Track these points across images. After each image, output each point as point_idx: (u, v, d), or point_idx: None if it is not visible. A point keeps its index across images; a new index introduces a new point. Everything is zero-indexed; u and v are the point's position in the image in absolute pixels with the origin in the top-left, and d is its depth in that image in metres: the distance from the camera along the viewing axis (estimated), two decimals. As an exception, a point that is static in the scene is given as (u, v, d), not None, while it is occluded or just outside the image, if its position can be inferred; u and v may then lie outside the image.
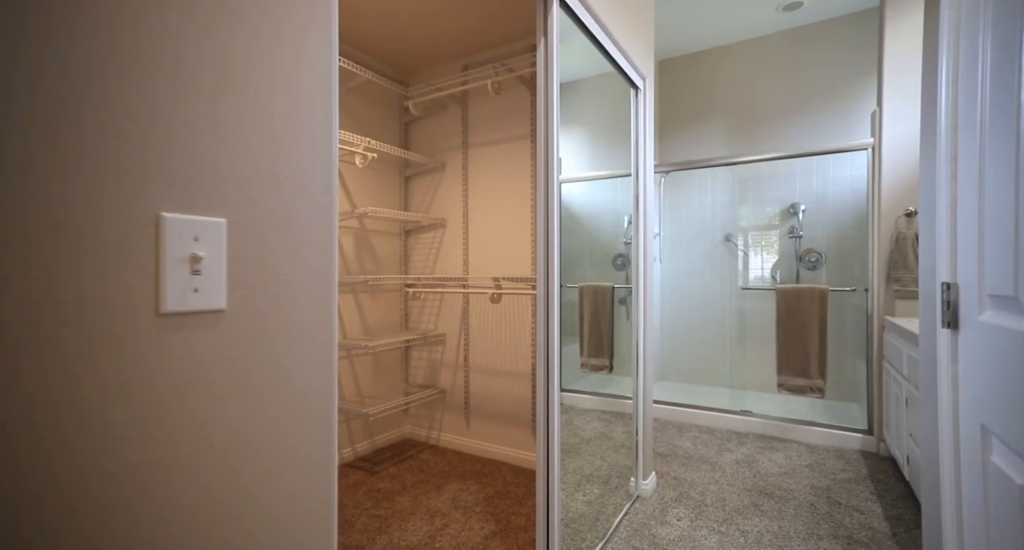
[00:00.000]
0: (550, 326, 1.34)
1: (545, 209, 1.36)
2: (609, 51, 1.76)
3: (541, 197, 1.36)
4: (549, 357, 1.34)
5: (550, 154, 1.36)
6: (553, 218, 1.36)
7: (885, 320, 2.38)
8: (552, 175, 1.36)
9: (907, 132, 2.38)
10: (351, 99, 2.41)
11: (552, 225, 1.35)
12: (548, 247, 1.35)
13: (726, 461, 2.38)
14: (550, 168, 1.36)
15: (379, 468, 2.32)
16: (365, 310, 2.54)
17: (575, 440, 2.73)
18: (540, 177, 1.37)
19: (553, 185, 1.37)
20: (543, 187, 1.37)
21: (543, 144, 1.37)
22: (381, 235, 2.64)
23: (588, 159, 3.89)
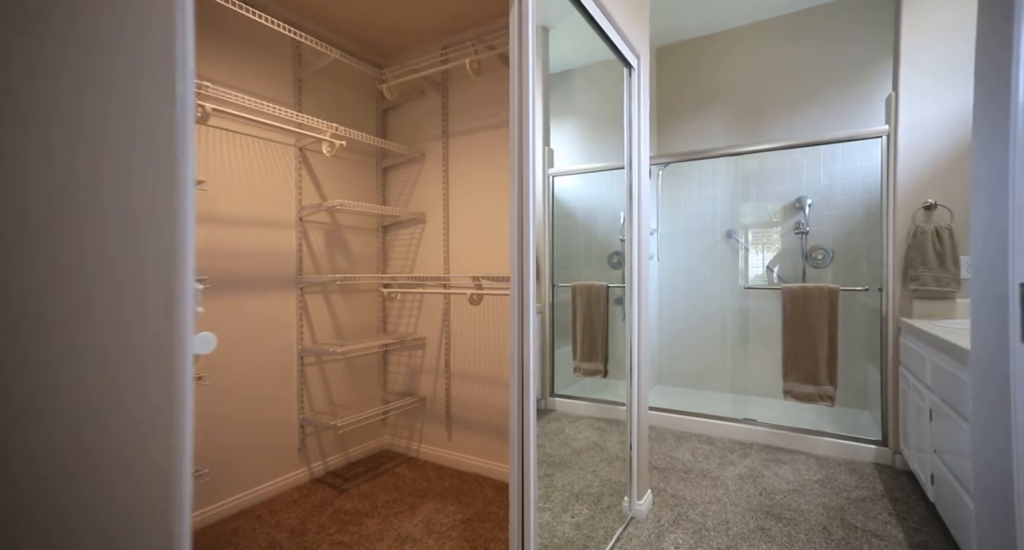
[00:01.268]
0: (524, 332, 1.14)
1: (519, 196, 1.17)
2: (599, 22, 1.56)
3: (515, 182, 1.17)
4: (523, 367, 1.15)
5: (524, 132, 1.17)
6: (529, 208, 1.17)
7: (902, 322, 2.18)
8: (527, 158, 1.17)
9: (927, 117, 2.18)
10: (318, 82, 2.22)
11: (527, 216, 1.16)
12: (522, 240, 1.16)
13: (728, 476, 2.19)
14: (524, 149, 1.16)
15: (350, 485, 2.12)
16: (338, 312, 2.35)
17: (565, 451, 2.54)
18: (514, 159, 1.18)
19: (529, 169, 1.18)
20: (517, 171, 1.17)
21: (517, 120, 1.18)
22: (356, 231, 2.45)
23: (583, 151, 3.69)
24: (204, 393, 1.74)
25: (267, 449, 1.99)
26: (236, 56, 1.87)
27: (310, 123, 1.97)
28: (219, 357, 1.82)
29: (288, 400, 2.08)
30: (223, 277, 1.83)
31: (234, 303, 1.88)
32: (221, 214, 1.82)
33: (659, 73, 3.79)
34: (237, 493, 1.86)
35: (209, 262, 1.77)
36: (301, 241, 2.15)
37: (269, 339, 2.01)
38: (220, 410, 1.81)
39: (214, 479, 1.78)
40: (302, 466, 2.14)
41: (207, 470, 1.55)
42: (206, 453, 1.75)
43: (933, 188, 2.18)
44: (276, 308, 2.04)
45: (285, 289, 2.08)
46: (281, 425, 2.05)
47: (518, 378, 1.15)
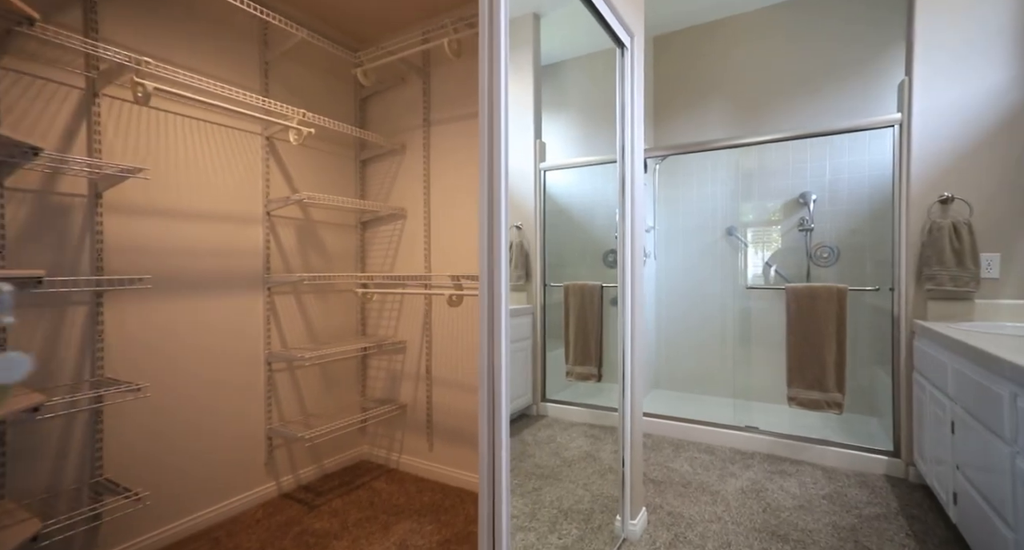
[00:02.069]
0: (494, 340, 0.99)
1: (489, 188, 1.01)
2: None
3: (484, 171, 1.01)
4: (494, 381, 0.99)
5: (495, 108, 1.01)
6: (499, 199, 1.01)
7: (915, 324, 2.03)
8: (498, 138, 1.01)
9: (944, 103, 2.03)
10: (288, 67, 2.06)
11: (498, 202, 1.00)
12: (492, 237, 1.00)
13: (730, 489, 2.04)
14: (495, 126, 1.01)
15: (321, 501, 1.97)
16: (312, 314, 2.19)
17: (555, 462, 2.38)
18: (484, 140, 1.02)
19: (499, 156, 1.02)
20: (487, 158, 1.02)
21: (487, 100, 1.02)
22: (332, 227, 2.29)
23: (577, 145, 3.53)
24: (146, 407, 1.58)
25: (229, 464, 1.83)
26: (195, 35, 1.71)
27: (276, 109, 1.82)
28: (173, 365, 1.66)
29: (254, 410, 1.93)
30: (177, 277, 1.67)
31: (191, 305, 1.72)
32: (174, 207, 1.66)
33: (656, 63, 3.63)
34: (193, 513, 1.70)
35: (158, 260, 1.61)
36: (269, 237, 1.99)
37: (232, 344, 1.85)
38: (172, 424, 1.65)
39: (164, 500, 1.62)
40: (270, 481, 1.98)
41: (146, 492, 1.40)
42: (151, 472, 1.59)
43: (950, 180, 2.03)
44: (240, 310, 1.88)
45: (251, 289, 1.92)
46: (246, 437, 1.89)
47: (488, 393, 0.99)
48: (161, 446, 1.62)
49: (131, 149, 1.53)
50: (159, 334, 1.62)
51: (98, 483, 1.40)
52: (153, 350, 1.60)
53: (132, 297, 1.52)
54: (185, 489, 1.68)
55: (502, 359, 0.99)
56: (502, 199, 1.00)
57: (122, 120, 1.51)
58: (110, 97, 1.48)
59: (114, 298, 1.49)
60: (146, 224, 1.57)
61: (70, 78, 1.38)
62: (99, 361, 1.43)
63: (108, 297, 1.47)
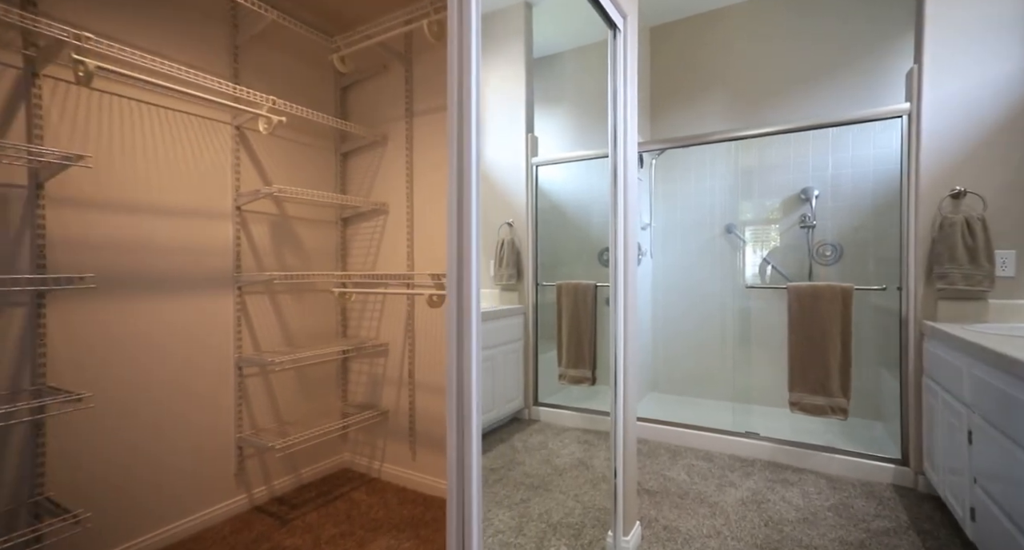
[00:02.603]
0: (464, 350, 0.87)
1: (458, 178, 0.89)
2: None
3: (453, 148, 0.89)
4: (463, 395, 0.87)
5: (465, 85, 0.89)
6: (470, 189, 0.89)
7: (925, 326, 1.92)
8: (467, 119, 0.89)
9: (956, 91, 1.91)
10: (259, 51, 1.93)
11: (467, 190, 0.88)
12: (461, 224, 0.88)
13: (729, 500, 1.92)
14: (465, 105, 0.89)
15: (295, 514, 1.85)
16: (288, 315, 2.07)
17: (546, 471, 2.27)
18: (452, 122, 0.90)
19: (469, 142, 0.90)
20: (455, 136, 0.90)
21: (456, 85, 0.90)
22: (310, 224, 2.17)
23: (572, 140, 3.41)
24: (96, 418, 1.46)
25: (194, 476, 1.71)
26: (155, 15, 1.59)
27: (246, 97, 1.69)
28: (129, 371, 1.54)
29: (222, 418, 1.80)
30: (135, 276, 1.55)
31: (150, 306, 1.59)
32: (130, 200, 1.53)
33: (653, 55, 3.51)
34: (152, 531, 1.58)
35: (112, 257, 1.48)
36: (239, 234, 1.87)
37: (198, 348, 1.73)
38: (128, 435, 1.53)
39: (119, 518, 1.49)
40: (240, 493, 1.86)
41: (87, 513, 1.28)
42: (102, 489, 1.46)
43: (962, 173, 1.92)
44: (207, 312, 1.76)
45: (219, 289, 1.80)
46: (213, 447, 1.77)
47: (455, 410, 0.87)
48: (115, 460, 1.50)
49: (79, 136, 1.41)
50: (113, 338, 1.49)
51: (38, 503, 1.27)
52: (106, 355, 1.47)
53: (80, 298, 1.40)
54: (143, 505, 1.56)
55: (472, 369, 0.87)
56: (472, 190, 0.89)
57: (69, 104, 1.38)
58: (54, 79, 1.35)
59: (59, 299, 1.37)
60: (97, 218, 1.44)
61: (4, 55, 1.26)
62: (40, 368, 1.31)
63: (52, 298, 1.35)
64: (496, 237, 3.07)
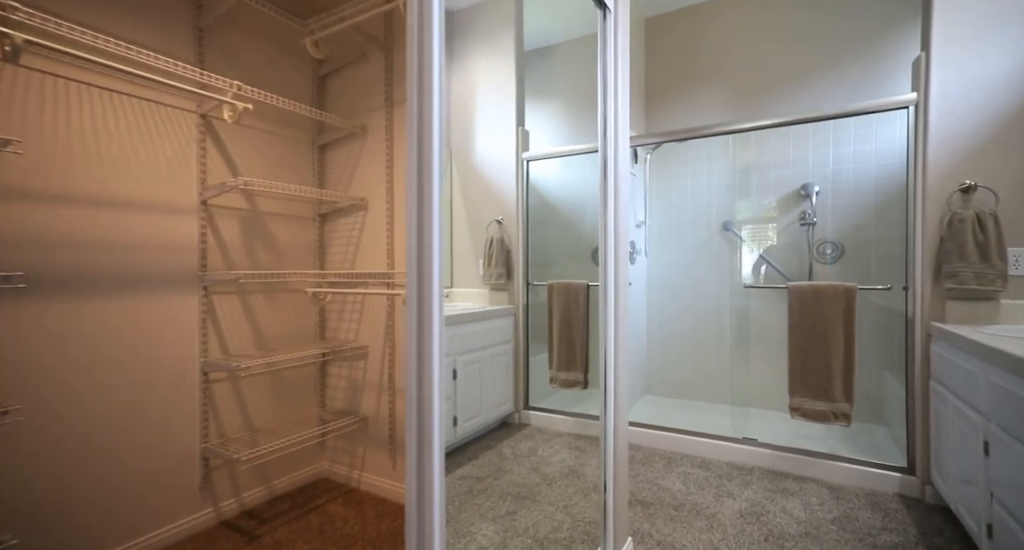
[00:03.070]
0: (424, 354, 0.75)
1: (418, 170, 0.78)
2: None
3: (413, 134, 0.78)
4: (423, 410, 0.76)
5: (426, 66, 0.78)
6: (431, 182, 0.78)
7: (933, 327, 1.82)
8: (430, 100, 0.78)
9: (967, 80, 1.81)
10: (228, 34, 1.81)
11: (429, 182, 0.77)
12: (422, 218, 0.77)
13: (727, 512, 1.82)
14: (426, 85, 0.77)
15: (265, 529, 1.73)
16: (260, 316, 1.95)
17: (534, 480, 2.16)
18: (412, 105, 0.79)
19: (431, 118, 0.79)
20: (415, 121, 0.78)
21: (416, 67, 0.79)
22: (285, 220, 2.05)
23: (565, 135, 3.30)
24: (37, 430, 1.34)
25: (153, 491, 1.59)
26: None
27: (208, 82, 1.57)
28: (75, 379, 1.41)
29: (185, 427, 1.68)
30: (84, 274, 1.43)
31: (104, 308, 1.47)
32: (72, 191, 1.41)
33: (648, 48, 3.41)
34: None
35: (48, 255, 1.36)
36: (205, 230, 1.75)
37: (157, 352, 1.61)
38: (75, 449, 1.40)
39: (55, 543, 1.37)
40: (206, 507, 1.74)
41: (14, 540, 1.15)
42: (44, 508, 1.34)
43: (973, 167, 1.81)
44: (167, 313, 1.64)
45: (182, 289, 1.68)
46: (175, 459, 1.65)
47: (415, 427, 0.76)
48: (54, 476, 1.37)
49: (16, 122, 1.29)
50: (54, 342, 1.37)
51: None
52: (44, 362, 1.35)
53: (15, 298, 1.28)
54: (86, 526, 1.44)
55: (433, 381, 0.75)
56: (434, 173, 0.77)
57: (3, 87, 1.26)
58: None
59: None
60: (31, 211, 1.32)
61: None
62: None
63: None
64: (485, 235, 2.96)
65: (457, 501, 1.93)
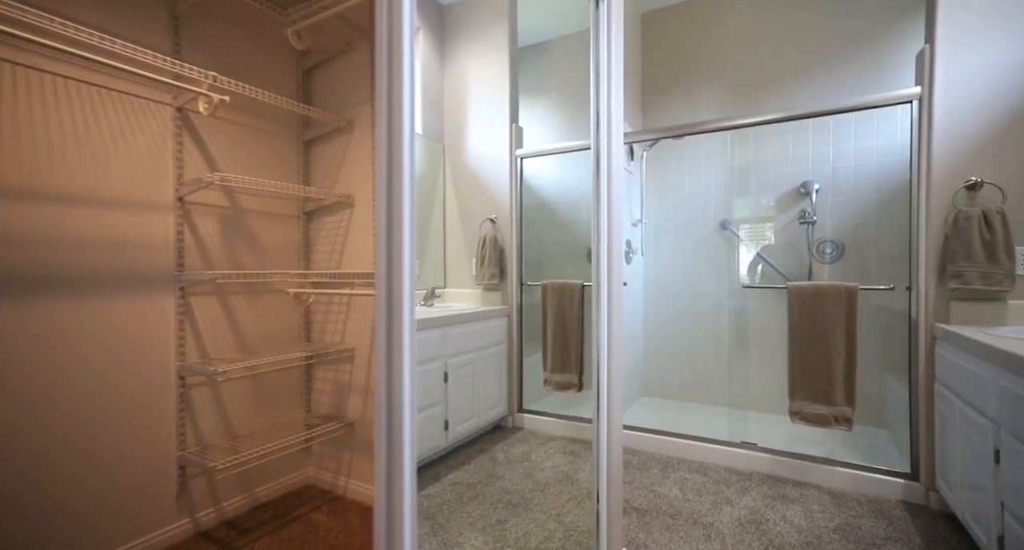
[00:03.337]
0: (393, 361, 0.69)
1: (387, 163, 0.71)
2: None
3: (382, 121, 0.71)
4: (392, 421, 0.69)
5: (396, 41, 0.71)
6: (403, 175, 0.71)
7: (938, 329, 1.76)
8: (400, 82, 0.71)
9: (973, 73, 1.75)
10: (207, 24, 1.74)
11: (400, 171, 0.70)
12: (391, 215, 0.70)
13: (725, 521, 1.75)
14: (396, 64, 0.71)
15: (244, 541, 1.66)
16: (242, 318, 1.88)
17: (527, 486, 2.09)
18: (381, 87, 0.72)
19: (403, 103, 0.72)
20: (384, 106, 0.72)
21: (385, 49, 0.72)
22: (268, 217, 1.98)
23: (560, 133, 3.23)
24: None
25: (125, 501, 1.51)
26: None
27: (183, 73, 1.50)
28: (38, 384, 1.34)
29: (160, 434, 1.61)
30: (47, 275, 1.36)
31: (73, 309, 1.40)
32: (41, 188, 1.34)
33: (645, 43, 3.34)
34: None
35: (26, 254, 1.29)
36: (182, 228, 1.68)
37: (129, 356, 1.53)
38: (38, 458, 1.33)
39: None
40: (183, 518, 1.66)
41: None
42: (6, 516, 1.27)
43: (978, 163, 1.76)
44: (141, 315, 1.56)
45: (157, 290, 1.61)
46: (149, 467, 1.58)
47: (384, 438, 0.69)
48: (18, 487, 1.30)
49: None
50: (18, 346, 1.30)
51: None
52: (8, 366, 1.28)
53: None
54: (61, 535, 1.37)
55: (404, 393, 0.68)
56: (405, 164, 0.70)
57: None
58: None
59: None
60: (2, 209, 1.25)
61: None
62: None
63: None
64: (478, 234, 2.89)
65: (447, 509, 1.86)
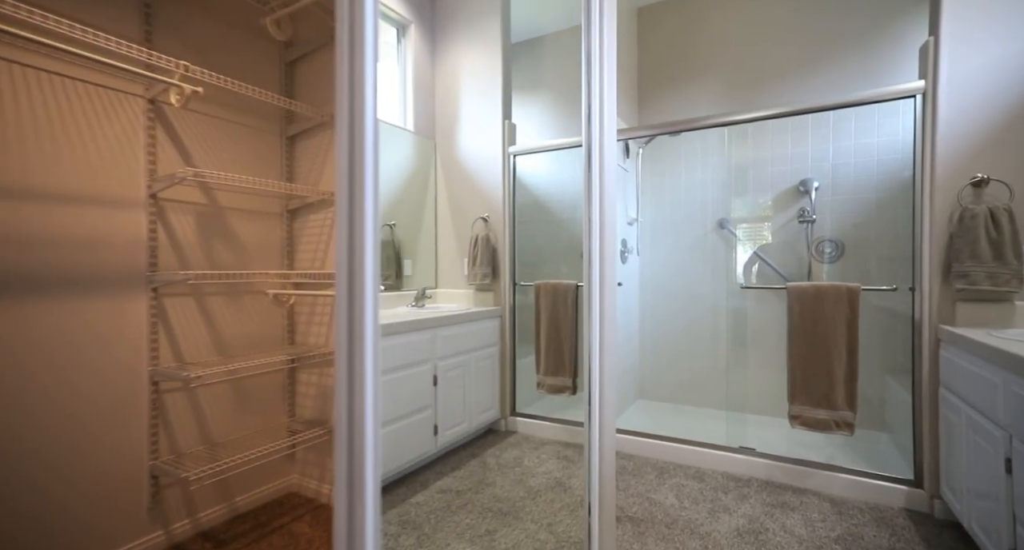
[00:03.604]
0: (355, 371, 0.62)
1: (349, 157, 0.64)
2: None
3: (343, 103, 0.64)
4: (352, 434, 0.62)
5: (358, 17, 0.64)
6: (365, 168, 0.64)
7: (943, 331, 1.70)
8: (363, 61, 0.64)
9: (979, 66, 1.69)
10: (181, 13, 1.66)
11: (363, 158, 0.63)
12: (352, 208, 0.63)
13: (723, 530, 1.69)
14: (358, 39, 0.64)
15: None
16: (221, 320, 1.80)
17: (519, 493, 2.02)
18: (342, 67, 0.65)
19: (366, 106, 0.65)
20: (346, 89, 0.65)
21: (347, 29, 0.65)
22: (249, 216, 1.90)
23: (555, 130, 3.16)
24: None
25: (92, 514, 1.44)
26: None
27: (156, 63, 1.42)
28: (7, 385, 1.26)
29: (132, 443, 1.53)
30: (14, 273, 1.28)
31: (37, 312, 1.32)
32: (12, 185, 1.26)
33: (641, 39, 3.28)
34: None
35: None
36: (155, 225, 1.60)
37: (96, 361, 1.45)
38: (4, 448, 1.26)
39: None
40: (156, 530, 1.59)
41: None
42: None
43: (985, 159, 1.69)
44: (109, 317, 1.48)
45: (128, 290, 1.53)
46: (119, 478, 1.50)
47: (344, 457, 0.62)
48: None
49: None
50: None
51: None
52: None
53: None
54: (20, 548, 1.29)
55: (367, 408, 0.61)
56: (368, 153, 0.63)
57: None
58: None
59: None
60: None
61: None
62: None
63: None
64: (470, 233, 2.82)
65: (434, 518, 1.79)
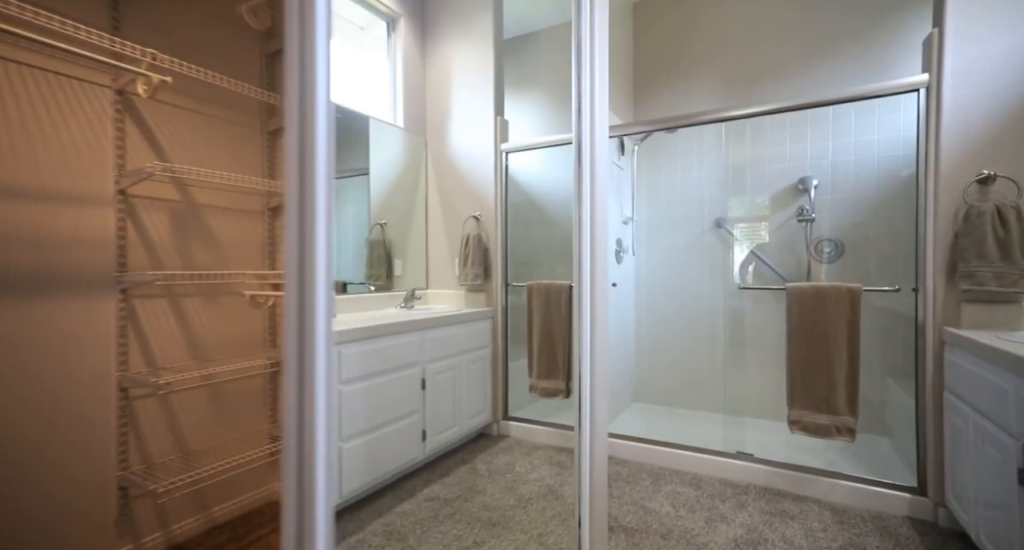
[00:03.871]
0: (306, 379, 0.54)
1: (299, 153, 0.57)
2: None
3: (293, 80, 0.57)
4: (303, 456, 0.54)
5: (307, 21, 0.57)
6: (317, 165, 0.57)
7: (948, 334, 1.64)
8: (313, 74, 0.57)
9: (985, 58, 1.63)
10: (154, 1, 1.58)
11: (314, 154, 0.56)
12: (303, 202, 0.55)
13: (720, 541, 1.62)
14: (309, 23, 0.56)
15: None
16: (197, 323, 1.72)
17: (509, 502, 1.95)
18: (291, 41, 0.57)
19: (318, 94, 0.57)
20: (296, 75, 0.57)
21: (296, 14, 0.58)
22: (229, 214, 1.82)
23: (546, 126, 3.09)
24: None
25: (64, 522, 1.36)
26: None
27: (123, 52, 1.34)
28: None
29: (97, 453, 1.45)
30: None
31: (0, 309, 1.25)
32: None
33: (637, 35, 3.21)
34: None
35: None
36: (125, 223, 1.52)
37: (57, 366, 1.37)
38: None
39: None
40: (124, 544, 1.51)
41: None
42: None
43: (992, 154, 1.63)
44: (73, 320, 1.41)
45: (95, 291, 1.45)
46: (82, 490, 1.42)
47: (294, 478, 0.54)
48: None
49: None
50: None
51: None
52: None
53: None
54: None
55: (317, 422, 0.54)
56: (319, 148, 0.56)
57: None
58: None
59: None
60: None
61: None
62: None
63: None
64: (461, 232, 2.75)
65: (420, 529, 1.72)
